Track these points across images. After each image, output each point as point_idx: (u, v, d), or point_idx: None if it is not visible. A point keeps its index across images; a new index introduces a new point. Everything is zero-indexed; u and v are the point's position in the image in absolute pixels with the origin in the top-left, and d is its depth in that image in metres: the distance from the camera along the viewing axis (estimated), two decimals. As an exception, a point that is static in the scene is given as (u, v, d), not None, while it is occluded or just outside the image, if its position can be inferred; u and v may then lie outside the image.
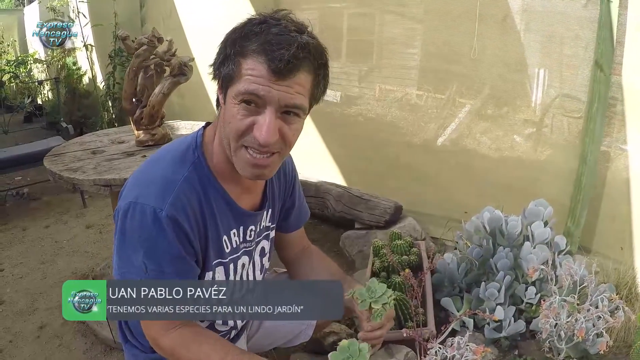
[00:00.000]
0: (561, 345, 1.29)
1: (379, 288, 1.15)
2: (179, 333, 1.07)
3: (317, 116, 3.06)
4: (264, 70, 0.93)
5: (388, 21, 2.90)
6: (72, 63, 5.70)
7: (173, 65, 1.94)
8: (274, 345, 1.58)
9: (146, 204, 1.02)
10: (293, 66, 0.94)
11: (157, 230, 1.01)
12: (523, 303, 1.58)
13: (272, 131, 0.96)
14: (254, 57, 0.94)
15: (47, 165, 1.89)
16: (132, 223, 1.02)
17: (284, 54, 0.92)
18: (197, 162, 1.08)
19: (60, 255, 3.02)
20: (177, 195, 1.03)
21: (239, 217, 1.17)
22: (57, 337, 2.23)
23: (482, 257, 1.69)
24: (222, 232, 1.14)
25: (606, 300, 1.24)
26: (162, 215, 1.01)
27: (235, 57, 0.96)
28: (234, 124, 0.98)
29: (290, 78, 0.95)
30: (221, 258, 1.17)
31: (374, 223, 2.52)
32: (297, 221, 1.41)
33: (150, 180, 1.06)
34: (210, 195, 1.10)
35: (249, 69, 0.95)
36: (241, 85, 0.95)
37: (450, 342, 1.13)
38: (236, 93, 0.96)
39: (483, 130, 2.62)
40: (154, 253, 1.03)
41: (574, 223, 2.17)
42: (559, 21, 2.24)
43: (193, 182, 1.06)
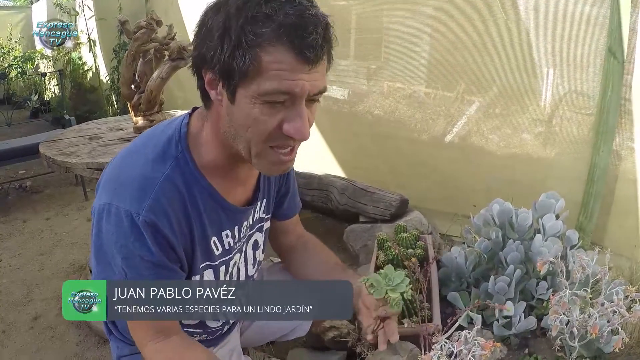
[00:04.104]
0: (573, 343, 1.21)
1: (397, 275, 1.08)
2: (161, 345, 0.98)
3: (324, 113, 3.03)
4: (293, 61, 0.80)
5: (396, 18, 2.86)
6: (78, 58, 5.70)
7: (172, 49, 1.88)
8: (268, 340, 1.51)
9: (122, 207, 0.90)
10: (322, 52, 0.83)
11: (135, 236, 0.91)
12: (534, 299, 1.51)
13: (307, 125, 0.86)
14: (277, 47, 0.80)
15: (42, 151, 1.84)
16: (108, 227, 0.92)
17: (315, 39, 0.80)
18: (180, 157, 0.95)
19: (59, 247, 2.99)
20: (156, 197, 0.91)
21: (231, 215, 1.06)
22: (50, 328, 2.19)
23: (491, 251, 1.61)
24: (210, 234, 1.03)
25: (621, 294, 1.16)
26: (140, 220, 0.89)
27: (250, 49, 0.80)
28: (260, 126, 0.85)
29: (319, 64, 0.83)
30: (209, 261, 1.06)
31: (379, 216, 2.45)
32: (291, 208, 1.32)
33: (127, 179, 0.93)
34: (196, 194, 0.97)
35: (274, 62, 0.80)
36: (267, 83, 0.81)
37: (457, 337, 1.06)
38: (260, 92, 0.82)
39: (492, 127, 2.58)
40: (132, 260, 0.93)
41: (587, 217, 2.10)
42: (569, 18, 2.19)
43: (175, 181, 0.94)
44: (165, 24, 2.01)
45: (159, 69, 1.94)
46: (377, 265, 1.76)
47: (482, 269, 1.62)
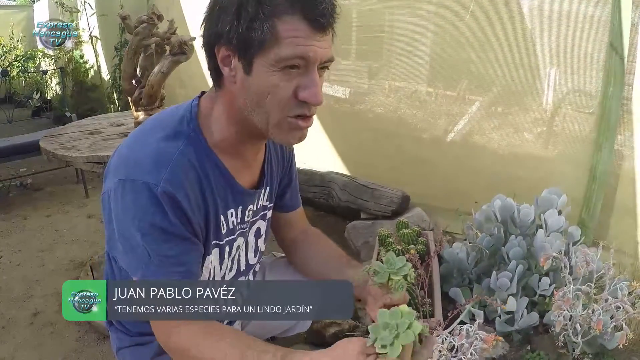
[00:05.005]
0: (577, 339, 1.20)
1: (399, 260, 1.08)
2: (189, 330, 0.95)
3: (326, 111, 3.03)
4: (307, 29, 0.86)
5: (398, 17, 2.87)
6: (80, 56, 5.70)
7: (173, 44, 1.88)
8: (269, 335, 1.50)
9: (138, 179, 0.89)
10: (332, 19, 0.88)
11: (155, 207, 0.89)
12: (536, 295, 1.49)
13: (321, 91, 0.91)
14: (292, 16, 0.86)
15: (42, 145, 1.84)
16: (124, 204, 0.90)
17: (326, 7, 0.86)
18: (192, 136, 0.97)
19: (60, 244, 2.99)
20: (172, 170, 0.91)
21: (238, 196, 1.07)
22: (50, 324, 2.18)
23: (493, 246, 1.60)
24: (220, 211, 1.04)
25: (625, 289, 1.15)
26: (158, 191, 0.89)
27: (267, 19, 0.85)
28: (278, 93, 0.89)
29: (328, 33, 0.89)
30: (218, 239, 1.06)
31: (380, 213, 2.45)
32: (293, 200, 1.31)
33: (141, 154, 0.93)
34: (209, 171, 0.99)
35: (290, 29, 0.85)
36: (284, 49, 0.86)
37: (458, 331, 1.05)
38: (277, 59, 0.86)
39: (493, 126, 2.59)
40: (151, 236, 0.91)
41: (589, 214, 2.09)
42: (571, 17, 2.19)
43: (189, 156, 0.95)
44: (167, 19, 2.00)
45: (160, 63, 1.94)
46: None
47: (484, 264, 1.61)
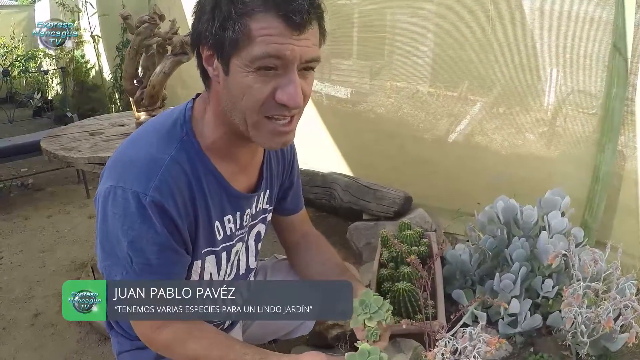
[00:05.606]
0: (584, 338, 1.19)
1: (375, 301, 1.02)
2: (172, 329, 0.97)
3: (328, 111, 3.03)
4: (281, 26, 0.82)
5: (400, 17, 2.87)
6: (81, 56, 5.70)
7: (174, 44, 1.87)
8: (272, 337, 1.50)
9: (128, 188, 0.90)
10: (310, 16, 0.84)
11: (142, 217, 0.91)
12: (539, 297, 1.49)
13: (300, 92, 0.87)
14: (265, 14, 0.82)
15: (43, 146, 1.83)
16: (114, 210, 0.92)
17: (301, 4, 0.82)
18: (185, 140, 0.96)
19: (60, 245, 2.99)
20: (162, 178, 0.91)
21: (234, 201, 1.06)
22: (51, 326, 2.18)
23: (495, 248, 1.59)
24: (213, 218, 1.03)
25: (633, 288, 1.14)
26: (147, 200, 0.90)
27: (239, 18, 0.83)
28: (253, 94, 0.87)
29: (308, 30, 0.85)
30: (212, 246, 1.06)
31: (382, 214, 2.44)
32: (295, 203, 1.30)
33: (132, 161, 0.94)
34: (202, 176, 0.98)
35: (262, 28, 0.83)
36: (256, 49, 0.83)
37: (461, 333, 1.04)
38: (250, 59, 0.84)
39: (495, 127, 2.58)
40: (138, 243, 0.92)
41: (591, 215, 2.08)
42: (573, 17, 2.18)
43: (181, 162, 0.95)
44: (168, 19, 2.00)
45: (161, 63, 1.93)
46: (380, 263, 1.75)
47: (486, 266, 1.60)
